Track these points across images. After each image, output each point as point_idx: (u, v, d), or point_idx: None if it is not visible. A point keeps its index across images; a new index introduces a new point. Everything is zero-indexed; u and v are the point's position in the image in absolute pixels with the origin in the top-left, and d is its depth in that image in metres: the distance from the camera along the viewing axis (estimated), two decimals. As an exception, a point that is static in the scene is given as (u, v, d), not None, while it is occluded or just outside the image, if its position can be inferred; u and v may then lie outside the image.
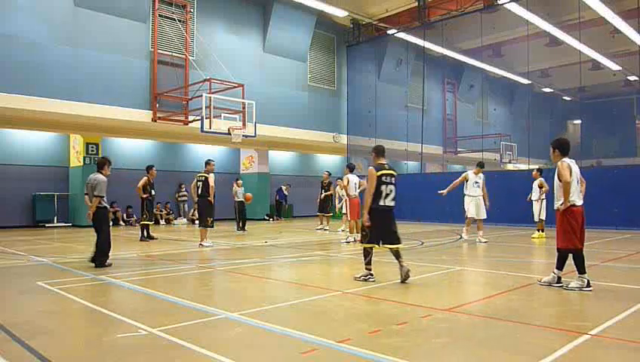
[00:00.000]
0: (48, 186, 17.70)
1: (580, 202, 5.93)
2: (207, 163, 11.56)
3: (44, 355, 3.64)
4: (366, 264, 6.64)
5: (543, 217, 12.54)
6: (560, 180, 5.90)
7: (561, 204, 5.90)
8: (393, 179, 6.65)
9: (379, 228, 6.54)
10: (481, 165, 11.92)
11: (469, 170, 12.10)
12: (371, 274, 6.61)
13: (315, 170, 25.86)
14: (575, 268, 5.93)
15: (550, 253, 10.37)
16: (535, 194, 12.56)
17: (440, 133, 27.54)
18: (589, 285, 5.83)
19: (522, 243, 11.91)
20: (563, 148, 6.05)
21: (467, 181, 11.67)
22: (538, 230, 12.71)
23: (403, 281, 6.40)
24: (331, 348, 3.78)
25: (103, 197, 8.35)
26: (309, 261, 9.15)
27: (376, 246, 6.57)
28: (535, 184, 12.55)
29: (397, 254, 6.58)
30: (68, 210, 18.56)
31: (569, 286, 5.92)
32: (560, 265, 6.02)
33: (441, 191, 11.70)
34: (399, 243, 6.58)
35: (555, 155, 6.09)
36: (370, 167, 6.67)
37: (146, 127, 17.12)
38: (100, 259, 8.00)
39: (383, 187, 6.53)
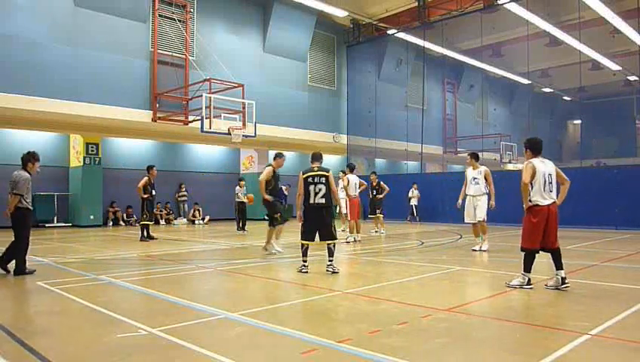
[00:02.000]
0: (48, 186, 17.69)
1: (544, 201, 5.82)
2: (275, 156, 9.79)
3: (44, 355, 3.64)
4: (302, 256, 7.39)
5: None
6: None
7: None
8: (323, 178, 7.34)
9: (311, 225, 7.37)
10: (474, 156, 10.20)
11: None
12: (305, 266, 7.34)
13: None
14: (521, 266, 5.97)
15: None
16: None
17: (440, 133, 27.56)
18: (529, 283, 5.88)
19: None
20: (534, 147, 6.03)
21: (467, 179, 10.21)
22: None
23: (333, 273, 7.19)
24: (331, 348, 3.77)
25: (23, 195, 7.33)
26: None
27: (311, 242, 7.39)
28: None
29: (330, 252, 7.33)
30: (68, 210, 18.56)
31: (510, 283, 6.00)
32: (558, 265, 5.89)
33: (458, 203, 10.44)
34: (333, 239, 7.35)
35: (527, 155, 6.08)
36: (300, 172, 7.55)
37: (146, 127, 17.11)
38: (19, 265, 7.29)
39: (311, 187, 7.31)
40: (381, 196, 14.73)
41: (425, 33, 21.10)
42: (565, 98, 33.43)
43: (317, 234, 7.43)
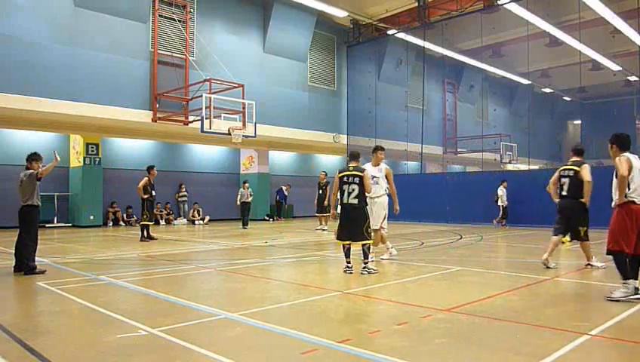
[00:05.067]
0: (48, 186, 17.66)
1: None
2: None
3: (44, 355, 3.64)
4: (345, 257, 7.36)
5: None
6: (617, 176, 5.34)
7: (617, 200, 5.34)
8: (356, 178, 7.21)
9: (342, 225, 7.29)
10: (380, 150, 8.35)
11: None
12: (348, 267, 7.29)
13: (315, 171, 25.84)
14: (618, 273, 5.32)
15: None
16: None
17: (440, 133, 27.55)
18: (637, 292, 5.15)
19: (522, 244, 11.91)
20: (621, 142, 5.55)
21: None
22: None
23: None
24: (331, 348, 3.77)
25: (38, 172, 7.93)
26: (309, 261, 9.16)
27: (344, 241, 7.29)
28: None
29: (364, 254, 7.17)
30: (68, 211, 18.55)
31: (612, 296, 5.27)
32: (635, 274, 5.23)
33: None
34: (365, 239, 7.13)
35: (614, 151, 5.58)
36: (337, 170, 7.57)
37: (146, 127, 17.11)
38: (28, 264, 7.25)
39: (345, 187, 7.26)
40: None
41: (425, 33, 21.08)
42: (565, 98, 33.44)
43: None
